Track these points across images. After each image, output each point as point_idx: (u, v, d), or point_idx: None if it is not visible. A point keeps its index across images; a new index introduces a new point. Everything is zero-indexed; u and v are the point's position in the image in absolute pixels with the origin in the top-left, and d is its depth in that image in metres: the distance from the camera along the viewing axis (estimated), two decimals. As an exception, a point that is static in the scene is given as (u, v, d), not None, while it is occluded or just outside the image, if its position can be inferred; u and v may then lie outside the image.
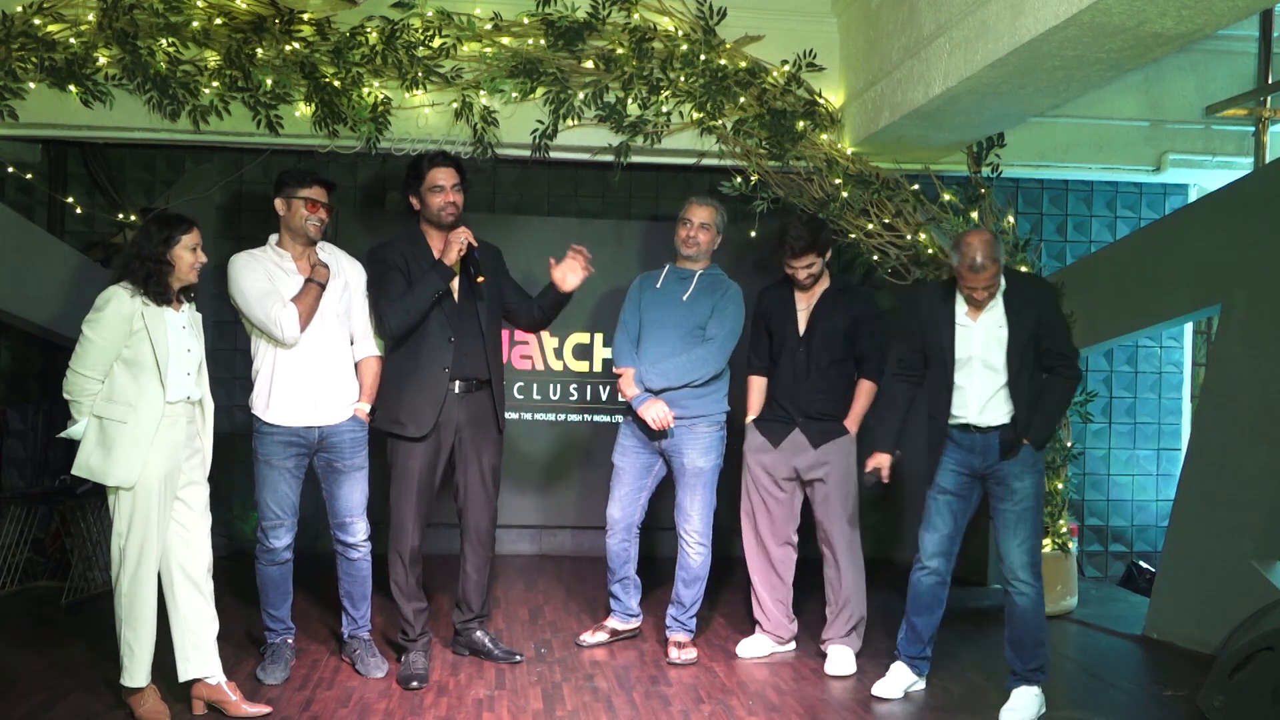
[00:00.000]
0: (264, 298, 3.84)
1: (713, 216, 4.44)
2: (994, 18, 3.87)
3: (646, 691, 4.01)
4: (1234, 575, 4.53)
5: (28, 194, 6.06)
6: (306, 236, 3.96)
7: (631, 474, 4.49)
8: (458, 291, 4.10)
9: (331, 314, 3.99)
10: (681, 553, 4.43)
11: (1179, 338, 6.88)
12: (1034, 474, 3.82)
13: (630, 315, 4.51)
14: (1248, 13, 3.45)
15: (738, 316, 4.40)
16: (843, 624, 4.37)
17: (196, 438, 3.68)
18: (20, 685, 3.91)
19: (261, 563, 4.02)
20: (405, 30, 5.02)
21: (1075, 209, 6.89)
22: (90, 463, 3.50)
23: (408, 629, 4.15)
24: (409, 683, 3.97)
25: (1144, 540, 6.83)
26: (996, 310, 3.84)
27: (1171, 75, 5.88)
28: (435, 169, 4.08)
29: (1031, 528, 3.82)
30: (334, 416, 3.99)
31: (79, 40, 4.80)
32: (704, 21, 5.20)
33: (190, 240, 3.58)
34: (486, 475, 4.17)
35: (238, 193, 6.38)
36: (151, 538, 3.50)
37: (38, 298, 5.31)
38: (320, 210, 3.95)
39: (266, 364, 3.95)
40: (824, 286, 4.41)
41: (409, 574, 4.11)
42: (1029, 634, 3.82)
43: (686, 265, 4.48)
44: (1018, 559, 3.81)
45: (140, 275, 3.51)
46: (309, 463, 4.03)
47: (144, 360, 3.49)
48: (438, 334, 4.04)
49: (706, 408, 4.36)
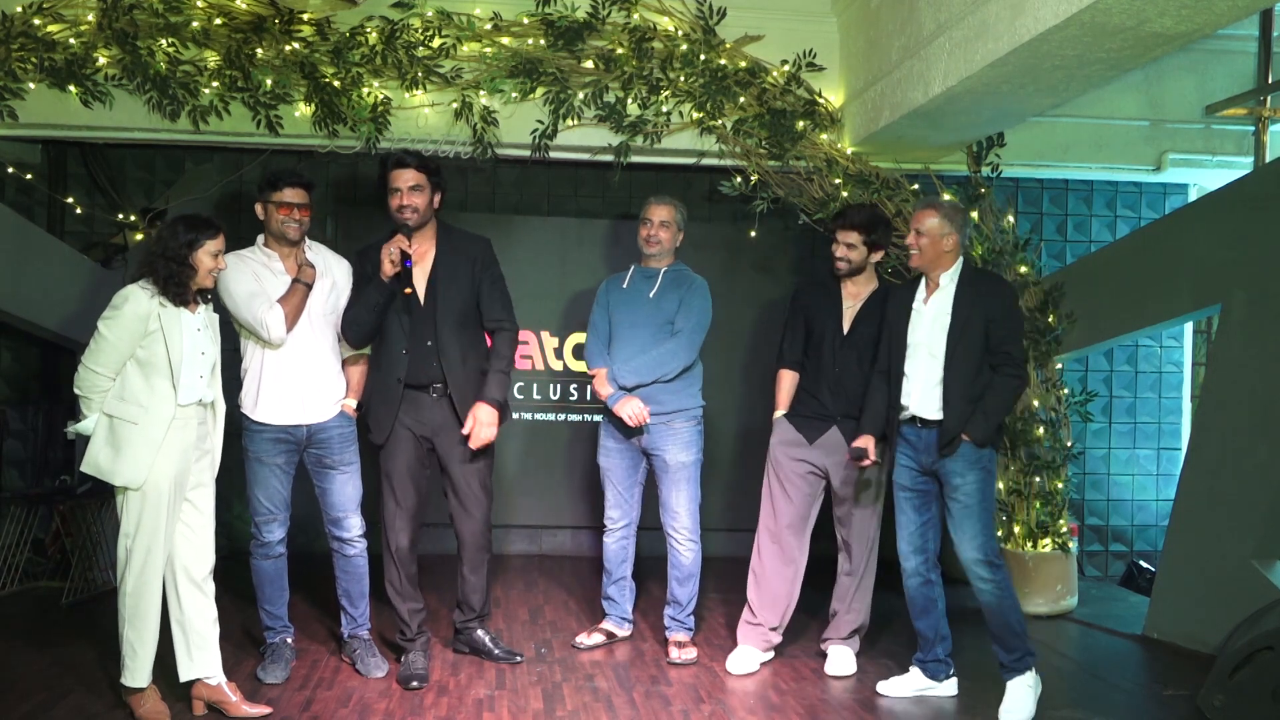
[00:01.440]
0: (251, 299, 3.87)
1: (672, 214, 4.45)
2: (994, 17, 3.87)
3: (647, 691, 4.01)
4: (1234, 575, 4.53)
5: (28, 194, 6.06)
6: (286, 239, 3.96)
7: (619, 473, 4.50)
8: (424, 298, 4.07)
9: (319, 313, 4.01)
10: (672, 551, 4.43)
11: (1179, 337, 6.88)
12: (977, 471, 3.79)
13: (599, 317, 4.52)
14: (1248, 12, 3.45)
15: (704, 309, 4.41)
16: (846, 626, 4.35)
17: (207, 439, 3.68)
18: (20, 685, 3.91)
19: (256, 557, 4.03)
20: (405, 30, 5.02)
21: (1075, 208, 6.89)
22: (99, 461, 3.50)
23: (404, 629, 4.18)
24: (409, 683, 3.97)
25: (1144, 540, 6.83)
26: (945, 297, 3.85)
27: (1171, 75, 5.88)
28: (393, 170, 4.02)
29: (979, 524, 3.79)
30: (321, 414, 4.01)
31: (79, 40, 4.80)
32: (704, 21, 5.20)
33: (214, 246, 3.58)
34: (469, 477, 4.13)
35: (237, 193, 6.37)
36: (159, 539, 3.51)
37: (38, 298, 5.31)
38: (295, 212, 3.93)
39: (255, 363, 3.98)
40: (872, 288, 4.35)
41: (401, 574, 4.13)
42: (1002, 625, 3.80)
43: (651, 264, 4.50)
44: (969, 554, 3.80)
45: (162, 275, 3.51)
46: (299, 459, 4.06)
47: (158, 362, 3.49)
48: (394, 344, 4.07)
49: (682, 403, 4.37)
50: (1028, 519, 5.29)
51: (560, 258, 6.44)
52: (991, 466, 3.86)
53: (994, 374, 3.80)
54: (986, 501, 3.82)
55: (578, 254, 6.44)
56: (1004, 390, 3.80)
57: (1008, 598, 3.81)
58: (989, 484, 3.84)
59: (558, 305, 6.36)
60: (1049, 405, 5.36)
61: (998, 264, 5.34)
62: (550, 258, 6.39)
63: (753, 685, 4.12)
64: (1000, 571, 3.80)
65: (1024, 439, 5.29)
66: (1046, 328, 5.37)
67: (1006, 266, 5.37)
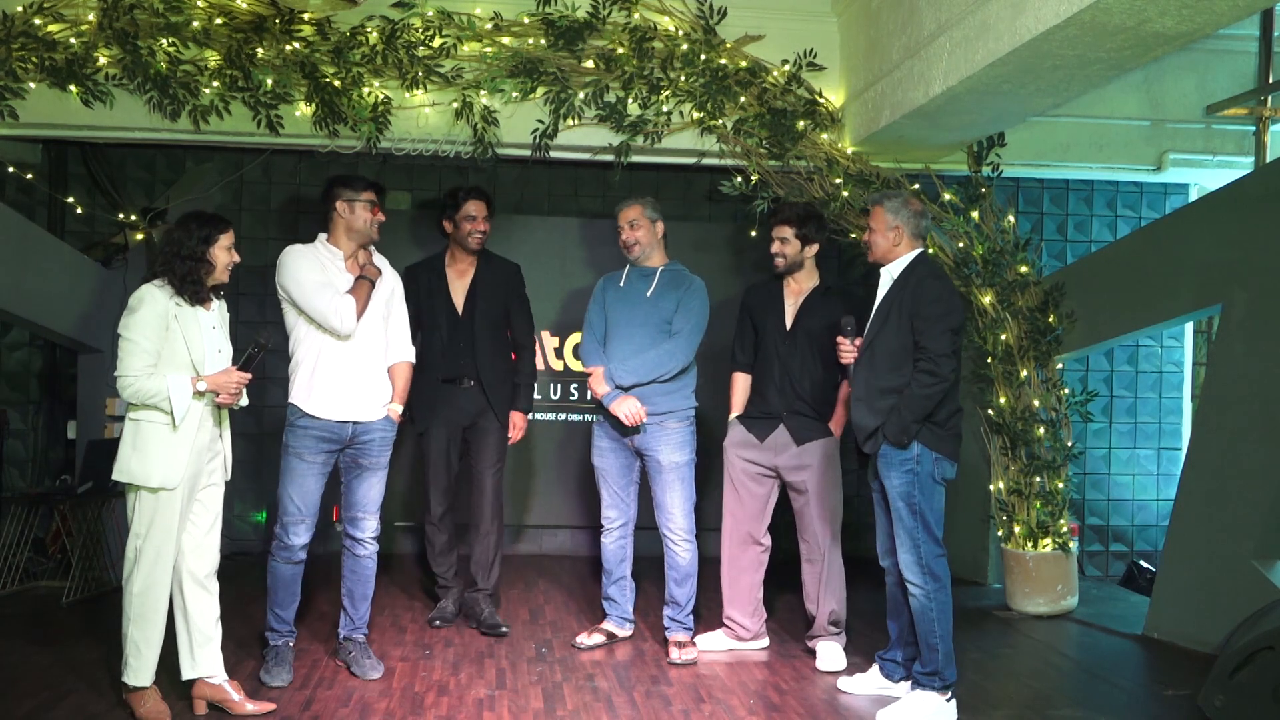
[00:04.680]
0: (321, 288, 3.95)
1: (640, 212, 4.47)
2: (994, 17, 3.87)
3: (647, 691, 4.01)
4: (1234, 575, 4.53)
5: (28, 194, 6.06)
6: (368, 237, 4.08)
7: (614, 472, 4.52)
8: (462, 309, 4.70)
9: (377, 314, 4.10)
10: (668, 552, 4.45)
11: (1179, 337, 6.88)
12: (900, 473, 3.68)
13: (596, 315, 4.54)
14: (1248, 12, 3.45)
15: (703, 310, 4.43)
16: (822, 619, 4.42)
17: (218, 440, 3.69)
18: (22, 685, 3.91)
19: (277, 559, 4.02)
20: (405, 30, 5.03)
21: (1075, 208, 6.89)
22: (130, 467, 3.49)
23: (441, 579, 4.89)
24: (432, 621, 4.79)
25: (1144, 540, 6.83)
26: (880, 293, 3.84)
27: (1172, 75, 5.88)
28: (473, 200, 4.68)
29: (904, 528, 3.70)
30: (370, 414, 4.06)
31: (79, 40, 4.80)
32: (704, 21, 5.20)
33: (227, 240, 3.63)
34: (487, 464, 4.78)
35: (238, 192, 6.38)
36: (170, 540, 3.51)
37: (38, 298, 5.31)
38: (379, 213, 4.09)
39: (310, 356, 4.01)
40: (813, 284, 4.42)
41: (437, 537, 4.80)
42: (922, 635, 3.72)
43: (644, 263, 4.51)
44: (902, 559, 3.74)
45: (179, 273, 3.52)
46: (335, 462, 4.08)
47: (179, 360, 3.50)
48: (434, 349, 4.68)
49: (675, 404, 4.39)
50: (1028, 519, 5.29)
51: (560, 258, 6.45)
52: (924, 469, 3.68)
53: (913, 370, 3.69)
54: (917, 507, 3.68)
55: (578, 254, 6.45)
56: (916, 388, 3.64)
57: (935, 611, 3.68)
58: (924, 489, 3.67)
59: (557, 305, 6.36)
60: (1049, 405, 5.36)
61: (998, 264, 5.34)
62: (550, 258, 6.39)
63: (753, 685, 4.12)
64: (934, 583, 3.68)
65: (1024, 439, 5.30)
66: (1047, 328, 5.37)
67: (1007, 266, 5.37)
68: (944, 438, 3.73)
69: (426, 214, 6.29)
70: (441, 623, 4.78)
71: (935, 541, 3.71)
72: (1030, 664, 4.54)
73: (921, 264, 3.81)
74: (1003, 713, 3.86)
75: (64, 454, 6.15)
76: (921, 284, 3.73)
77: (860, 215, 5.23)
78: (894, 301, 3.77)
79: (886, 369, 3.74)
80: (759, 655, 4.51)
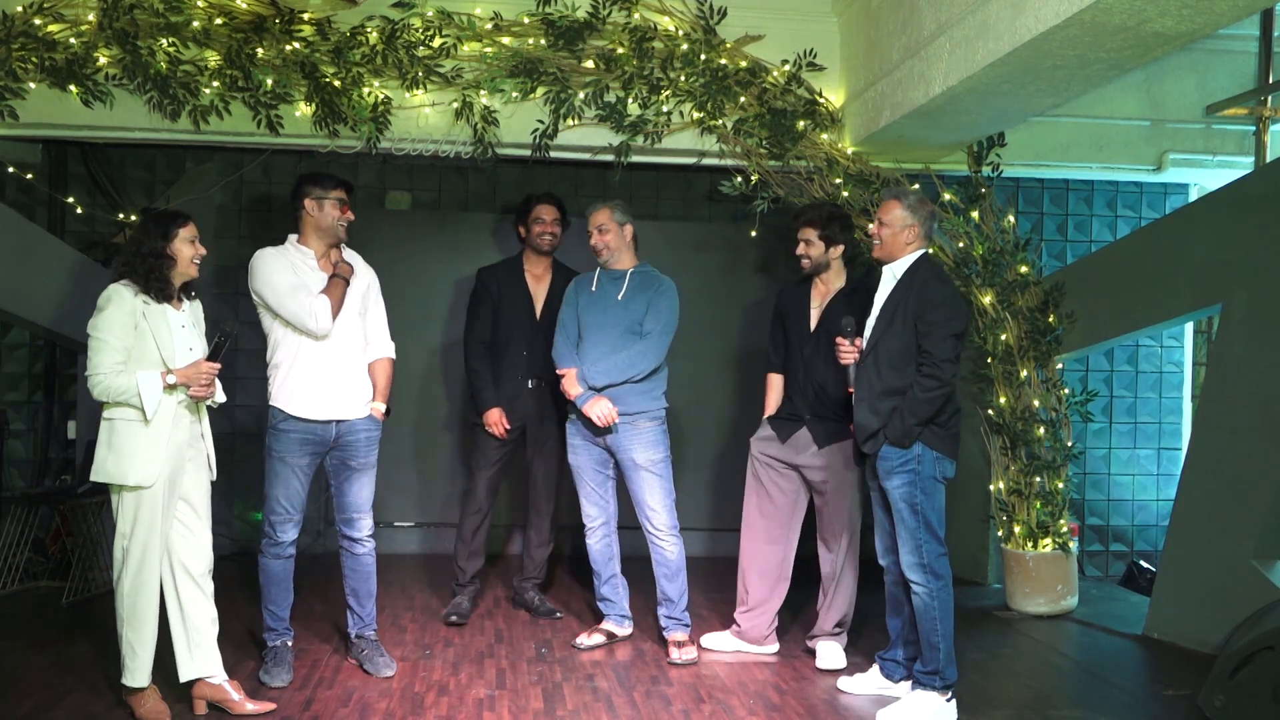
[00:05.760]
0: (295, 290, 3.92)
1: (608, 215, 4.50)
2: (994, 17, 3.87)
3: (647, 691, 4.01)
4: (1234, 575, 4.53)
5: (28, 194, 6.06)
6: (337, 236, 4.06)
7: (589, 470, 4.55)
8: (540, 313, 4.97)
9: (354, 312, 4.08)
10: (655, 549, 4.46)
11: (1179, 337, 6.88)
12: (902, 475, 3.70)
13: (569, 317, 4.57)
14: (1248, 12, 3.45)
15: (672, 310, 4.46)
16: (829, 621, 4.41)
17: (199, 438, 3.68)
18: (21, 684, 3.91)
19: (267, 555, 4.03)
20: (405, 30, 5.02)
21: (1076, 208, 6.89)
22: (107, 467, 3.50)
23: (459, 574, 4.93)
24: (448, 618, 4.81)
25: (1144, 540, 6.83)
26: (885, 291, 3.83)
27: (1172, 75, 5.88)
28: (544, 204, 4.98)
29: (906, 529, 3.70)
30: (352, 412, 4.05)
31: (79, 40, 4.80)
32: (704, 21, 5.20)
33: (188, 233, 3.62)
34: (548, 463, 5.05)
35: (238, 192, 6.38)
36: (155, 538, 3.51)
37: (38, 298, 5.31)
38: (348, 211, 4.06)
39: (288, 358, 3.99)
40: (840, 284, 4.41)
41: (472, 523, 4.91)
42: (924, 633, 3.73)
43: (614, 266, 4.53)
44: (905, 559, 3.74)
45: (142, 272, 3.52)
46: (320, 463, 4.08)
47: (149, 359, 3.50)
48: (515, 348, 4.94)
49: (646, 404, 4.41)
50: (1028, 519, 5.29)
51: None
52: (925, 469, 3.70)
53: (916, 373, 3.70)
54: (919, 506, 3.69)
55: (578, 254, 6.43)
56: (919, 391, 3.65)
57: (938, 610, 3.69)
58: (925, 489, 3.69)
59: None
60: (1049, 405, 5.36)
61: (998, 264, 5.34)
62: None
63: (753, 685, 4.12)
64: (937, 581, 3.69)
65: (1024, 439, 5.29)
66: (1047, 328, 5.37)
67: (1007, 266, 5.37)
68: (944, 437, 3.75)
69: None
70: (459, 618, 4.80)
71: (937, 540, 3.72)
72: (1030, 664, 4.54)
73: (925, 265, 3.80)
74: (1003, 713, 3.86)
75: (64, 454, 6.15)
76: (926, 286, 3.72)
77: (860, 215, 5.23)
78: (898, 303, 3.76)
79: (889, 370, 3.74)
80: (765, 658, 4.49)
